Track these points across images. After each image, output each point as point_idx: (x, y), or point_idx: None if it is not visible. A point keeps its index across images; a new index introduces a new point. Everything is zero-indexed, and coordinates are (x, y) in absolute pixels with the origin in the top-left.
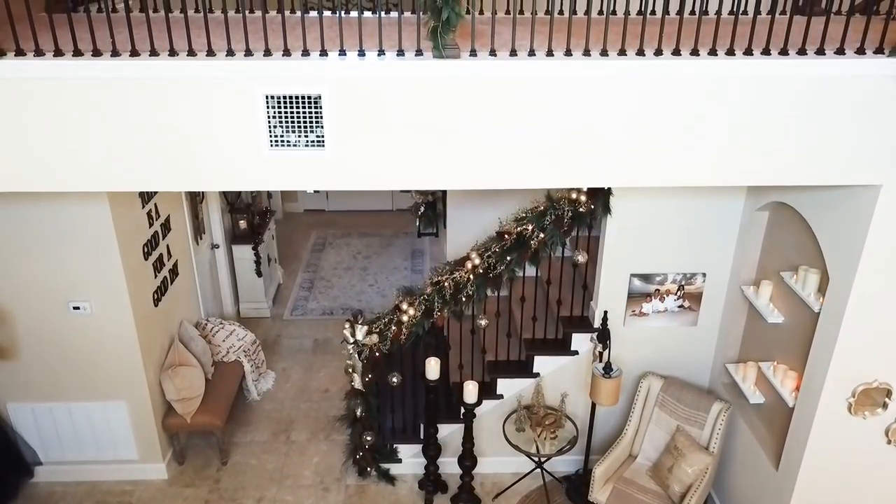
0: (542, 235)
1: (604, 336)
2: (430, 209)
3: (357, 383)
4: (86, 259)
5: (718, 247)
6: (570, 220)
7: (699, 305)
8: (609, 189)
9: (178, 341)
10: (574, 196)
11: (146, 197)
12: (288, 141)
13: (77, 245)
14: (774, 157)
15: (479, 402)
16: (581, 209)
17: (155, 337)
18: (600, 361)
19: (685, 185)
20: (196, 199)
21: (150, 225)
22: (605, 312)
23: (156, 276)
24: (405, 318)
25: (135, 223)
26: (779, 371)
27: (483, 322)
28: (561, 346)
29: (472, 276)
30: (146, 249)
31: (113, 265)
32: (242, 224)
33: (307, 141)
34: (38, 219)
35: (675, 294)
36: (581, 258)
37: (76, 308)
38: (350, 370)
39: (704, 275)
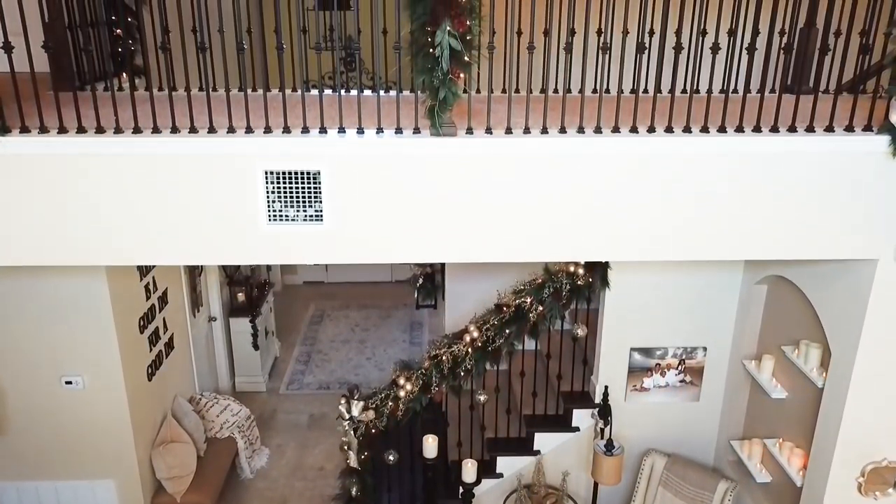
0: (540, 308)
1: (605, 412)
2: (429, 281)
3: (353, 461)
4: (80, 332)
5: (718, 320)
6: (569, 293)
7: (701, 380)
8: (607, 262)
9: (170, 417)
10: (572, 269)
11: (144, 270)
12: (286, 216)
13: (72, 318)
14: (770, 232)
15: (478, 482)
16: (579, 282)
17: (147, 412)
18: (602, 438)
19: (681, 259)
20: (195, 271)
21: (148, 298)
22: (606, 387)
23: (151, 350)
24: (402, 393)
25: (132, 296)
26: (785, 448)
27: (482, 397)
28: (562, 423)
29: (470, 350)
30: (142, 322)
31: (108, 339)
32: (241, 297)
33: (305, 216)
34: (33, 291)
35: (676, 368)
36: (580, 332)
37: (68, 383)
38: (345, 447)
39: (705, 349)
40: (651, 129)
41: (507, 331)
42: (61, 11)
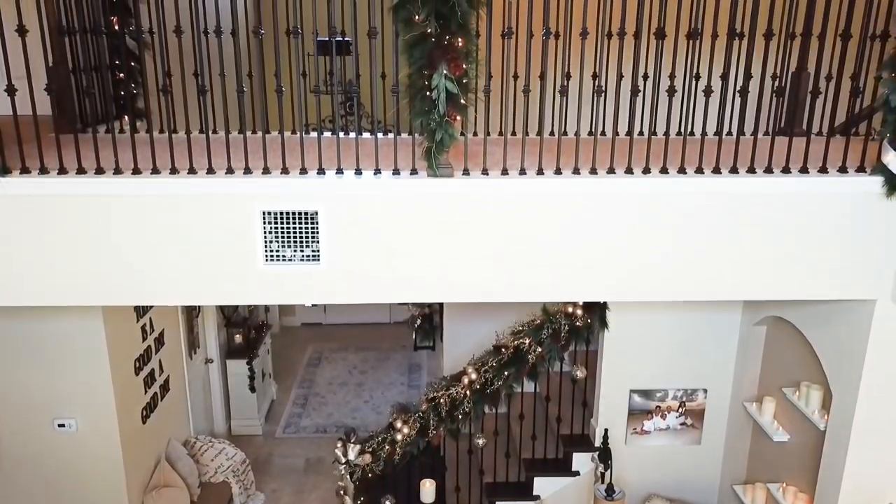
0: (539, 349)
1: (605, 455)
2: (427, 322)
3: None
4: (75, 374)
5: (718, 362)
6: (568, 334)
7: (702, 423)
8: (605, 303)
9: (164, 461)
10: (570, 310)
11: (141, 311)
12: (283, 256)
13: (66, 359)
14: (767, 273)
15: None
16: (578, 323)
17: (141, 456)
18: (602, 482)
19: (679, 300)
20: (192, 312)
21: (144, 339)
22: (606, 430)
23: (146, 392)
24: (400, 436)
25: (128, 337)
26: (788, 493)
27: (481, 441)
28: (561, 467)
29: (468, 392)
30: (138, 364)
31: (102, 380)
32: (238, 338)
33: (302, 256)
34: (27, 331)
35: (677, 411)
36: (580, 373)
37: (61, 426)
38: (342, 492)
39: (705, 391)
40: (646, 171)
41: (506, 373)
42: (65, 56)
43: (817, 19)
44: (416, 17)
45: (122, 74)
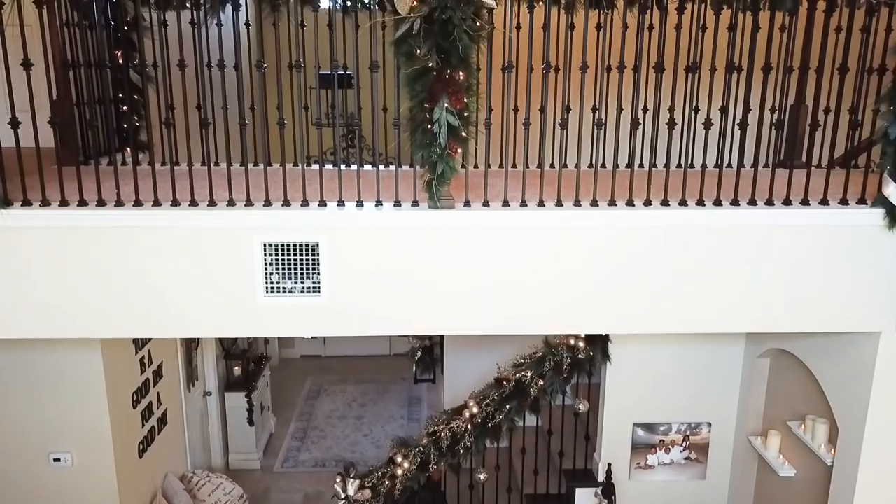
0: (541, 382)
1: (608, 491)
2: (428, 354)
3: None
4: (71, 407)
5: (722, 395)
6: (570, 366)
7: (706, 457)
8: (607, 335)
9: (160, 496)
10: (572, 342)
11: (140, 343)
12: (284, 288)
13: (63, 392)
14: (769, 305)
15: None
16: (580, 355)
17: (137, 491)
18: None
19: (680, 332)
20: (191, 345)
21: (142, 372)
22: (609, 465)
23: (143, 426)
24: (399, 471)
25: (126, 370)
26: None
27: (482, 476)
28: (564, 502)
29: (470, 426)
30: (135, 397)
31: (99, 414)
32: (237, 371)
33: (303, 288)
34: (23, 363)
35: (681, 445)
36: (582, 407)
37: (56, 460)
38: None
39: (709, 424)
40: (647, 203)
41: (508, 406)
42: (70, 89)
43: (815, 53)
44: (418, 52)
45: (125, 107)
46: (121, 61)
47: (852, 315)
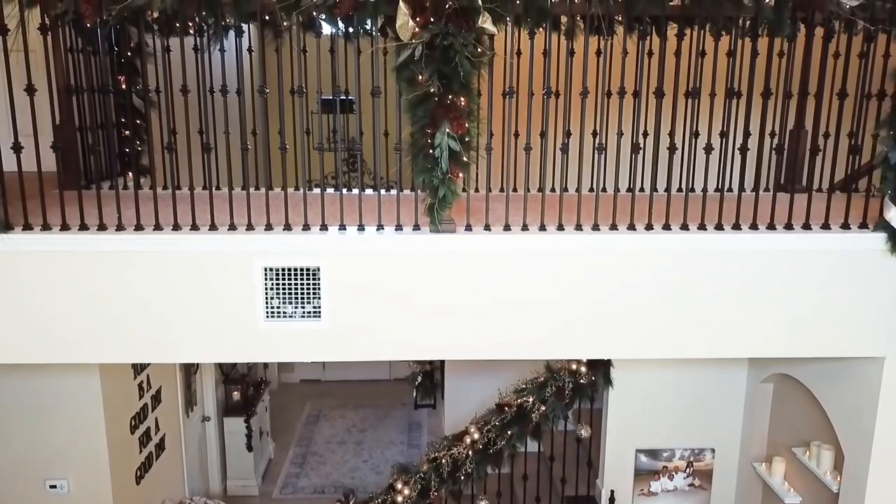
0: (543, 408)
1: None
2: (428, 379)
3: None
4: (68, 433)
5: (725, 421)
6: (571, 391)
7: (710, 484)
8: (609, 360)
9: None
10: (574, 367)
11: (139, 367)
12: (284, 312)
13: (60, 417)
14: (772, 329)
15: None
16: (582, 380)
17: None
18: None
19: (682, 357)
20: (190, 369)
21: (141, 396)
22: (612, 492)
23: (141, 452)
24: (400, 498)
25: (124, 394)
26: None
27: (483, 503)
28: None
29: (471, 452)
30: (134, 422)
31: (97, 439)
32: (236, 395)
33: (303, 312)
34: (19, 388)
35: (684, 471)
36: (584, 432)
37: (52, 486)
38: None
39: (713, 450)
40: (649, 227)
41: (509, 432)
42: (72, 114)
43: (814, 78)
44: (420, 77)
45: (127, 132)
46: (124, 86)
47: (855, 340)
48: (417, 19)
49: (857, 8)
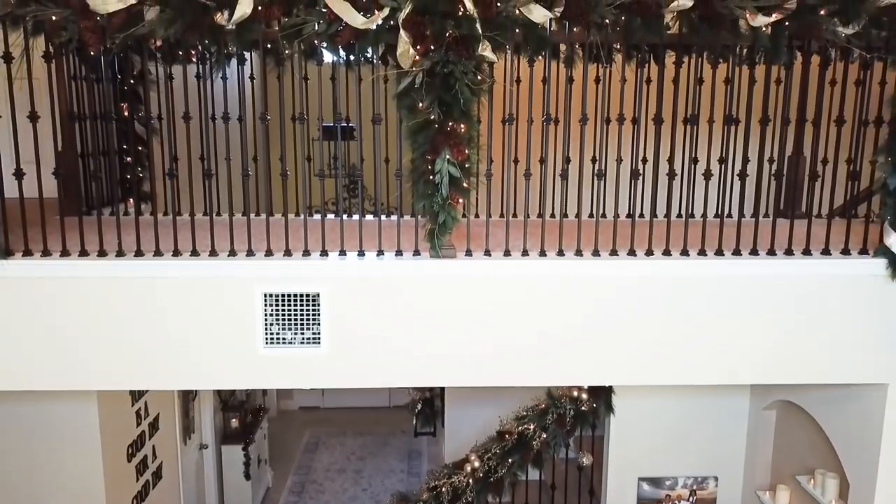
0: (544, 435)
1: None
2: (428, 406)
3: None
4: (64, 461)
5: (728, 448)
6: (573, 419)
7: None
8: (610, 387)
9: None
10: (575, 394)
11: (137, 394)
12: (284, 339)
13: (56, 445)
14: (773, 356)
15: None
16: (583, 408)
17: None
18: None
19: (684, 384)
20: (189, 396)
21: (138, 424)
22: None
23: (138, 480)
24: None
25: (122, 422)
26: None
27: None
28: None
29: (471, 481)
30: (131, 450)
31: (93, 468)
32: (234, 423)
33: (303, 339)
34: (15, 415)
35: (688, 500)
36: (586, 460)
37: None
38: None
39: (716, 479)
40: (649, 253)
41: (510, 460)
42: (74, 140)
43: (811, 105)
44: (420, 105)
45: (129, 159)
46: (126, 114)
47: (857, 366)
48: (418, 47)
49: (852, 36)
